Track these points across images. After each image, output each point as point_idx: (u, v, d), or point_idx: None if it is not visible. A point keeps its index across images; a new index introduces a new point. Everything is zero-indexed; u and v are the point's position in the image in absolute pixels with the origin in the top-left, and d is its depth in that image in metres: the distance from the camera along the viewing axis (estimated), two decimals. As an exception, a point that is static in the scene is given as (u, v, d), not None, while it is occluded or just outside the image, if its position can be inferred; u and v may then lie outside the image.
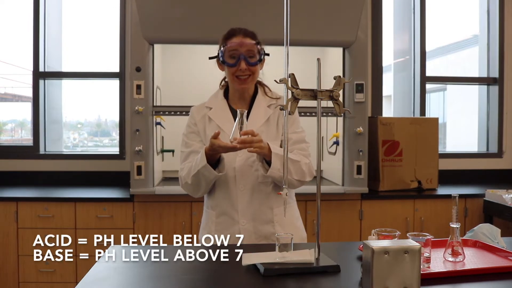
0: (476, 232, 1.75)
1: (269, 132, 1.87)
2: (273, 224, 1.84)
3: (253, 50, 1.81)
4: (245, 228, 1.82)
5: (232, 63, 1.80)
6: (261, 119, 1.87)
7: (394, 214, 3.27)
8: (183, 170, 1.85)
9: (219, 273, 1.42)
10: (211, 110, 1.90)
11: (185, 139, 1.91)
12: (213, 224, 1.87)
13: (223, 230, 1.83)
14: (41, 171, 3.76)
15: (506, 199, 3.09)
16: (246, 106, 1.90)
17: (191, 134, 1.91)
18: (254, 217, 1.83)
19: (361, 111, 3.17)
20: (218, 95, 1.94)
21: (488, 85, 4.19)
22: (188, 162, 1.85)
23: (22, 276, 3.11)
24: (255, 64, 1.82)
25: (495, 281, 1.32)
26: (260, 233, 1.83)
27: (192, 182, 1.79)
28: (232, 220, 1.83)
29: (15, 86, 4.31)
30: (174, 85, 3.61)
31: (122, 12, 3.76)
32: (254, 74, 1.84)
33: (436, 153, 3.53)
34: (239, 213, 1.82)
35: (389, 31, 4.18)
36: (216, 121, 1.87)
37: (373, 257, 1.12)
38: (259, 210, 1.83)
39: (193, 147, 1.87)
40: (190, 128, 1.92)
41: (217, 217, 1.86)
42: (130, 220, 3.15)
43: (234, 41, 1.80)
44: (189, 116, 1.95)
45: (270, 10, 2.85)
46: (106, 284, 1.29)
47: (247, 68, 1.80)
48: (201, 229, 1.95)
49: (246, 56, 1.79)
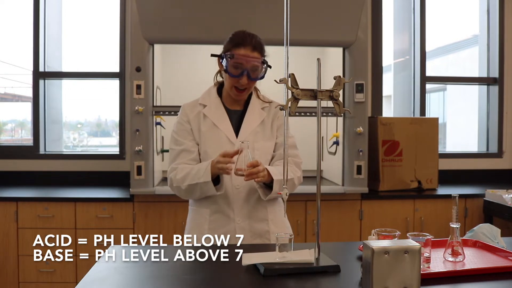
0: (476, 232, 1.75)
1: (264, 133, 1.88)
2: (267, 222, 1.86)
3: (258, 66, 1.80)
4: (241, 226, 1.82)
5: (235, 74, 1.79)
6: (257, 120, 1.88)
7: (394, 214, 3.27)
8: (175, 172, 1.82)
9: (219, 273, 1.42)
10: (205, 108, 1.89)
11: (175, 136, 1.88)
12: (206, 222, 1.86)
13: (218, 228, 1.83)
14: (41, 171, 3.76)
15: (506, 199, 3.09)
16: (240, 106, 1.91)
17: (183, 132, 1.88)
18: (249, 215, 1.83)
19: (361, 111, 3.17)
20: (212, 93, 1.93)
21: (488, 85, 4.19)
22: (180, 163, 1.82)
23: (22, 276, 3.11)
24: (256, 79, 1.83)
25: (495, 281, 1.32)
26: (255, 231, 1.84)
27: (186, 189, 1.79)
28: (227, 218, 1.83)
29: (15, 86, 4.31)
30: (174, 85, 3.61)
31: (122, 12, 3.76)
32: (252, 86, 1.86)
33: (436, 153, 3.53)
34: (235, 211, 1.82)
35: (389, 31, 4.18)
36: (211, 118, 1.86)
37: (373, 257, 1.12)
38: (254, 208, 1.84)
39: (184, 145, 1.85)
40: (181, 126, 1.89)
41: (210, 215, 1.85)
42: (130, 220, 3.15)
43: (241, 54, 1.78)
44: (180, 113, 1.92)
45: (270, 10, 2.85)
46: (106, 284, 1.29)
47: (247, 83, 1.81)
48: (190, 229, 1.93)
49: (249, 71, 1.79)
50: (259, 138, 1.86)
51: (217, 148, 1.80)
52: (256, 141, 1.85)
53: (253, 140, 1.84)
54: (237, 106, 1.91)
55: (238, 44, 1.81)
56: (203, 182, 1.71)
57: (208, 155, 1.84)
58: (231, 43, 1.83)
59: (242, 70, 1.78)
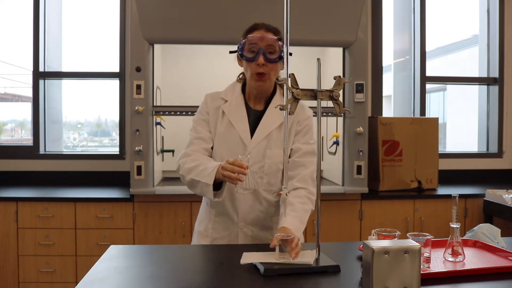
0: (476, 232, 1.75)
1: (280, 138, 1.78)
2: (272, 231, 1.82)
3: (274, 46, 1.73)
4: (244, 231, 1.80)
5: (250, 57, 1.73)
6: (275, 122, 1.79)
7: (394, 214, 3.27)
8: (186, 160, 1.76)
9: (219, 273, 1.42)
10: (226, 103, 1.83)
11: (194, 125, 1.85)
12: (210, 222, 1.85)
13: (221, 230, 1.83)
14: (41, 171, 3.76)
15: (506, 199, 3.09)
16: (261, 106, 1.83)
17: (201, 122, 1.84)
18: (254, 222, 1.80)
19: (361, 111, 3.17)
20: (236, 88, 1.87)
21: (488, 85, 4.19)
22: (194, 150, 1.78)
23: (22, 276, 3.11)
24: (274, 61, 1.73)
25: (495, 281, 1.32)
26: (258, 238, 1.81)
27: (189, 181, 1.73)
28: (231, 221, 1.81)
29: (15, 86, 4.31)
30: (174, 85, 3.61)
31: (122, 12, 3.76)
32: (272, 72, 1.75)
33: (436, 153, 3.53)
34: (239, 215, 1.80)
35: (389, 31, 4.18)
36: (229, 116, 1.80)
37: (373, 257, 1.12)
38: (259, 216, 1.80)
39: (201, 134, 1.81)
40: (201, 115, 1.84)
41: (216, 216, 1.84)
42: (130, 220, 3.15)
43: (254, 35, 1.73)
44: (203, 102, 1.87)
45: (270, 10, 2.84)
46: (106, 284, 1.29)
47: (265, 64, 1.71)
48: (198, 222, 1.93)
49: (265, 52, 1.71)
50: (272, 145, 1.78)
51: (229, 147, 1.77)
52: (269, 148, 1.77)
53: (265, 146, 1.77)
54: (258, 105, 1.84)
55: (251, 29, 1.76)
56: (204, 183, 1.66)
57: (217, 153, 1.80)
58: (244, 32, 1.78)
59: (257, 50, 1.71)
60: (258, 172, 1.77)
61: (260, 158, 1.76)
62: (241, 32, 1.81)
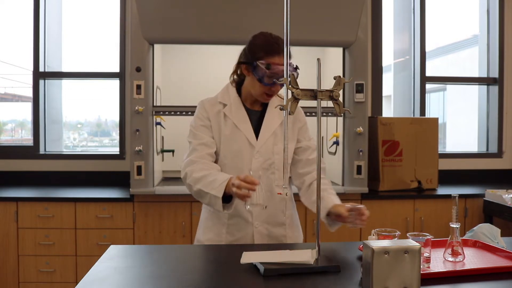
0: (476, 232, 1.75)
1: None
2: (285, 226, 1.87)
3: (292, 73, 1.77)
4: (259, 230, 1.82)
5: (270, 83, 1.74)
6: (276, 121, 1.84)
7: (394, 214, 3.27)
8: (193, 168, 1.74)
9: (219, 273, 1.42)
10: (226, 107, 1.84)
11: (193, 131, 1.83)
12: (224, 226, 1.84)
13: (235, 232, 1.83)
14: (41, 171, 3.76)
15: (506, 199, 3.09)
16: (259, 107, 1.87)
17: (202, 127, 1.83)
18: (268, 220, 1.83)
19: (361, 111, 3.17)
20: (231, 92, 1.88)
21: (488, 85, 4.19)
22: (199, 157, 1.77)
23: (22, 276, 3.11)
24: None
25: (495, 281, 1.32)
26: (273, 235, 1.85)
27: (196, 191, 1.72)
28: (245, 222, 1.82)
29: (15, 86, 4.31)
30: (174, 85, 3.61)
31: (122, 12, 3.76)
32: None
33: (436, 153, 3.53)
34: (253, 215, 1.81)
35: (389, 31, 4.18)
36: (232, 119, 1.82)
37: (373, 257, 1.12)
38: (273, 213, 1.84)
39: (204, 139, 1.81)
40: (201, 121, 1.84)
41: (229, 219, 1.83)
42: (130, 220, 3.15)
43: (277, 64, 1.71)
44: (200, 108, 1.86)
45: (270, 10, 2.84)
46: (106, 284, 1.29)
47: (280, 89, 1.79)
48: (204, 228, 1.89)
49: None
50: (279, 141, 1.83)
51: (236, 149, 1.80)
52: (276, 144, 1.82)
53: (272, 142, 1.82)
54: (256, 106, 1.87)
55: (273, 51, 1.73)
56: (213, 195, 1.64)
57: (226, 158, 1.81)
58: (262, 50, 1.74)
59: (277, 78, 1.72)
60: (270, 168, 1.81)
61: (269, 155, 1.81)
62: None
